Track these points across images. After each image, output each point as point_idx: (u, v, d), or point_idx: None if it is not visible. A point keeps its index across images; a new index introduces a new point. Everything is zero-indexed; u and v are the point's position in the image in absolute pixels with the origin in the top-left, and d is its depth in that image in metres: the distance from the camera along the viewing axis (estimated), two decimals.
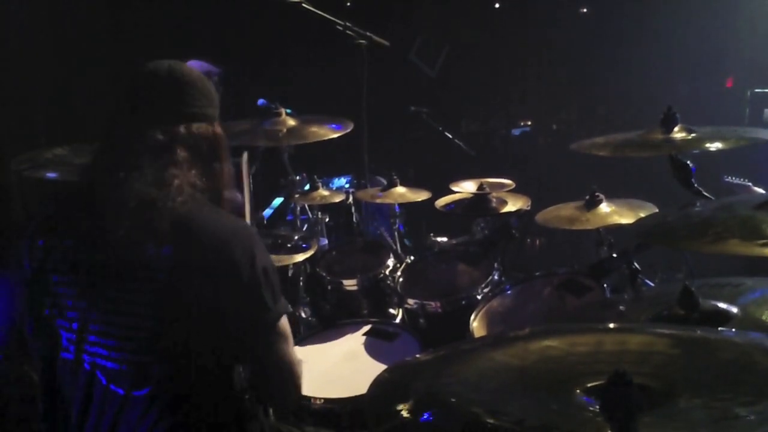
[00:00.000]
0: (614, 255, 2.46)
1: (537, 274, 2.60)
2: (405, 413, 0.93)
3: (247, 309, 1.39)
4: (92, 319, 1.38)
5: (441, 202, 3.08)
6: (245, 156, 2.60)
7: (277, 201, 3.87)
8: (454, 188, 3.10)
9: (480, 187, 2.97)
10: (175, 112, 1.45)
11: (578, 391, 0.91)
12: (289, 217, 3.72)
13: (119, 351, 1.36)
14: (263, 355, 1.48)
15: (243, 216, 2.41)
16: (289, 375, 1.52)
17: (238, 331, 1.40)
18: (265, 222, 3.63)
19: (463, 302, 2.52)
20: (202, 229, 1.37)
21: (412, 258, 3.00)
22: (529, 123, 6.57)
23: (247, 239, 1.40)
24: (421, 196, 3.12)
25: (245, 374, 1.53)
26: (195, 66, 4.09)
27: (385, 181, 3.21)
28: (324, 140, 2.65)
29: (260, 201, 3.70)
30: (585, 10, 6.17)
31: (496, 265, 2.66)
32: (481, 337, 2.16)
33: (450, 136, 5.27)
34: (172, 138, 1.42)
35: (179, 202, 1.36)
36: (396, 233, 3.36)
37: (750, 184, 3.54)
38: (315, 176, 3.29)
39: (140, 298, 1.34)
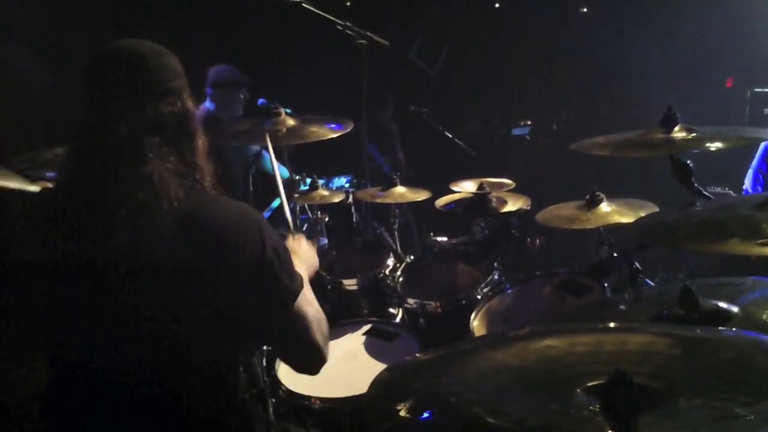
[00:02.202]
0: (615, 255, 2.46)
1: (537, 274, 2.60)
2: (405, 413, 0.93)
3: (265, 291, 1.38)
4: (95, 317, 1.36)
5: (441, 202, 3.07)
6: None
7: (277, 201, 3.87)
8: (454, 188, 3.09)
9: (480, 187, 2.96)
10: (136, 95, 1.37)
11: (578, 391, 0.91)
12: None
13: (124, 350, 1.35)
14: (286, 335, 1.45)
15: None
16: (313, 348, 1.49)
17: (258, 316, 1.39)
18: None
19: (463, 302, 2.52)
20: (207, 222, 1.34)
21: (412, 258, 3.00)
22: (529, 123, 6.58)
23: (253, 222, 1.38)
24: (421, 196, 3.12)
25: (246, 374, 1.53)
26: (225, 71, 4.12)
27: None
28: (324, 140, 2.65)
29: (260, 201, 3.70)
30: (585, 10, 6.17)
31: (496, 264, 2.66)
32: (481, 337, 2.16)
33: (450, 136, 5.27)
34: (140, 125, 1.35)
35: (176, 197, 1.32)
36: (396, 233, 3.36)
37: (731, 192, 3.57)
38: (315, 176, 3.29)
39: (148, 298, 1.32)
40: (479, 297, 2.50)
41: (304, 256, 1.82)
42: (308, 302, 1.49)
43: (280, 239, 1.44)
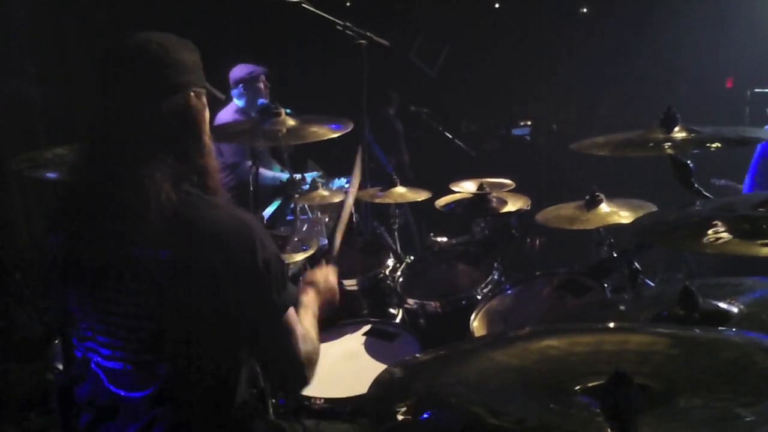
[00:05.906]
0: (614, 255, 2.46)
1: (537, 274, 2.60)
2: (405, 413, 0.93)
3: (250, 303, 1.37)
4: (95, 319, 1.38)
5: (441, 202, 3.07)
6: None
7: (277, 202, 3.88)
8: (454, 188, 3.09)
9: (480, 187, 2.96)
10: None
11: (578, 391, 0.91)
12: (289, 217, 3.73)
13: (122, 351, 1.36)
14: (270, 348, 1.45)
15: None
16: (296, 367, 1.47)
17: (244, 326, 1.38)
18: (265, 222, 3.63)
19: (463, 302, 2.52)
20: (199, 226, 1.33)
21: (412, 258, 2.99)
22: (529, 123, 6.58)
23: (246, 232, 1.36)
24: (421, 196, 3.12)
25: (247, 372, 1.53)
26: (245, 67, 4.18)
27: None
28: (324, 140, 2.64)
29: (260, 201, 3.70)
30: (585, 10, 6.17)
31: (496, 265, 2.66)
32: (481, 337, 2.16)
33: (450, 136, 5.28)
34: (140, 125, 1.33)
35: (168, 199, 1.30)
36: (396, 233, 3.36)
37: (738, 185, 3.56)
38: (319, 174, 3.29)
39: (141, 299, 1.33)
40: (479, 297, 2.50)
41: (323, 288, 1.79)
42: (297, 322, 1.47)
43: (277, 253, 1.41)
